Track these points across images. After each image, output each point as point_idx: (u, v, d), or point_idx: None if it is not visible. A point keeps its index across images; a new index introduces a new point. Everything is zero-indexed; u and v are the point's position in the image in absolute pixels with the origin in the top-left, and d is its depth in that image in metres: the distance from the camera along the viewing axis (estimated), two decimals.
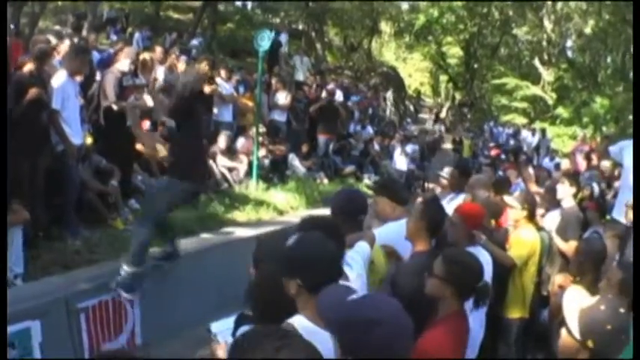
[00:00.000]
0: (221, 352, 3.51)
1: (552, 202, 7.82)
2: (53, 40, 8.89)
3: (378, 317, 2.51)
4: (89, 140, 8.87)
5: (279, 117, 14.91)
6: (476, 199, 6.44)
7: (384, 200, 5.18)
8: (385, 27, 39.96)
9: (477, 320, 4.31)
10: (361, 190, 7.30)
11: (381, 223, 5.10)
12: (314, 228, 3.66)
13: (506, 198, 6.72)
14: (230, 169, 11.78)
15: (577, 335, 3.45)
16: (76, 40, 9.27)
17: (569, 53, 41.27)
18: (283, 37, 22.07)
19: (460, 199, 6.93)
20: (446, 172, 8.36)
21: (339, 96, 17.80)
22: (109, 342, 6.62)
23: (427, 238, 4.49)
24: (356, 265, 3.94)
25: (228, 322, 3.59)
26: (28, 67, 7.54)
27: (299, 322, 3.00)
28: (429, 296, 3.82)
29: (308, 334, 2.48)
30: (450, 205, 6.20)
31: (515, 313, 6.34)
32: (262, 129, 13.28)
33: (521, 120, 36.96)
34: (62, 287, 6.49)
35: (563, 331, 3.64)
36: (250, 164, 12.10)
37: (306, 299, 3.07)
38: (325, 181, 14.58)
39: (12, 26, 8.92)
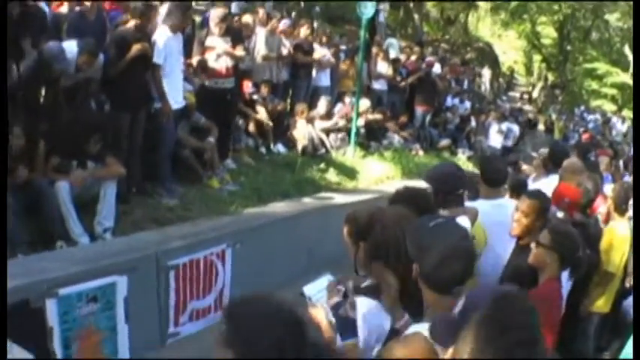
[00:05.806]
0: (320, 315, 3.01)
1: None
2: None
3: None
4: (191, 99, 8.21)
5: (380, 86, 14.14)
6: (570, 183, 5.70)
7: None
8: (482, 2, 38.16)
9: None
10: (458, 164, 6.57)
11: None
12: (408, 200, 3.30)
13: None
14: (328, 134, 11.05)
15: None
16: None
17: None
18: (384, 7, 20.91)
19: (553, 180, 6.24)
20: (541, 153, 8.03)
21: (437, 68, 16.79)
22: (196, 300, 6.27)
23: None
24: None
25: (320, 284, 3.16)
26: (132, 23, 7.16)
27: None
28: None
29: None
30: (540, 186, 5.78)
31: (597, 307, 5.80)
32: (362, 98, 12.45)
33: (610, 107, 35.97)
34: (152, 243, 6.05)
35: None
36: (348, 131, 11.45)
37: None
38: (420, 152, 13.84)
39: None
